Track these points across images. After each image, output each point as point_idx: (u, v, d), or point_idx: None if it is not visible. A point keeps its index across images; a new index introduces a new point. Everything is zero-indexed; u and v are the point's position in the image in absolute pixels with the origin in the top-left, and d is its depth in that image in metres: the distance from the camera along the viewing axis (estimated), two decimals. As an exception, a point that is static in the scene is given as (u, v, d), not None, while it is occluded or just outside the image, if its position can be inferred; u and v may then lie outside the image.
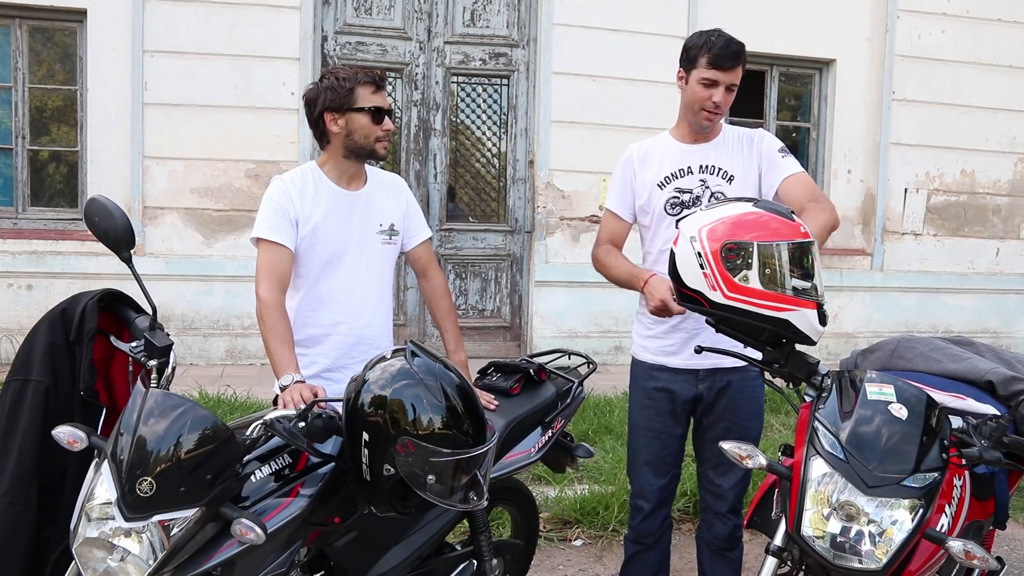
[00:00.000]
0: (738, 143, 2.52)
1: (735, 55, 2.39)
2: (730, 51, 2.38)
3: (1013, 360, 2.39)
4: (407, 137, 6.56)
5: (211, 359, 6.18)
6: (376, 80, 2.34)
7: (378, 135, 2.34)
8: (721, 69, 2.38)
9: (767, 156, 2.48)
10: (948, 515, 1.96)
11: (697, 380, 2.52)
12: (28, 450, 1.92)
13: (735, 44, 2.40)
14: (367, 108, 2.30)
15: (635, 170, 2.56)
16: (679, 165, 2.50)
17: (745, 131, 2.58)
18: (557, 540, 3.63)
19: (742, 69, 2.42)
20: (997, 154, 7.43)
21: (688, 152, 2.51)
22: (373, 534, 2.07)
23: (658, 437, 2.57)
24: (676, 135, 2.56)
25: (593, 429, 4.60)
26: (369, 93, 2.31)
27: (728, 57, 2.38)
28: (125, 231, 1.90)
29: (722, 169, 2.48)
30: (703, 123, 2.46)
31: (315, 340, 2.39)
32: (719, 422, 2.53)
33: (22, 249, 5.92)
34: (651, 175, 2.52)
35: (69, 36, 6.12)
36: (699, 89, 2.41)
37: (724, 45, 2.38)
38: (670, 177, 2.50)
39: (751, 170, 2.49)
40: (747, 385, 2.51)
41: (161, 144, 6.02)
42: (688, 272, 1.90)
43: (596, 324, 6.67)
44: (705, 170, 2.49)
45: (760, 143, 2.51)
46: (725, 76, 2.39)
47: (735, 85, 2.42)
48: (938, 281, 7.42)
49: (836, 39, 7.04)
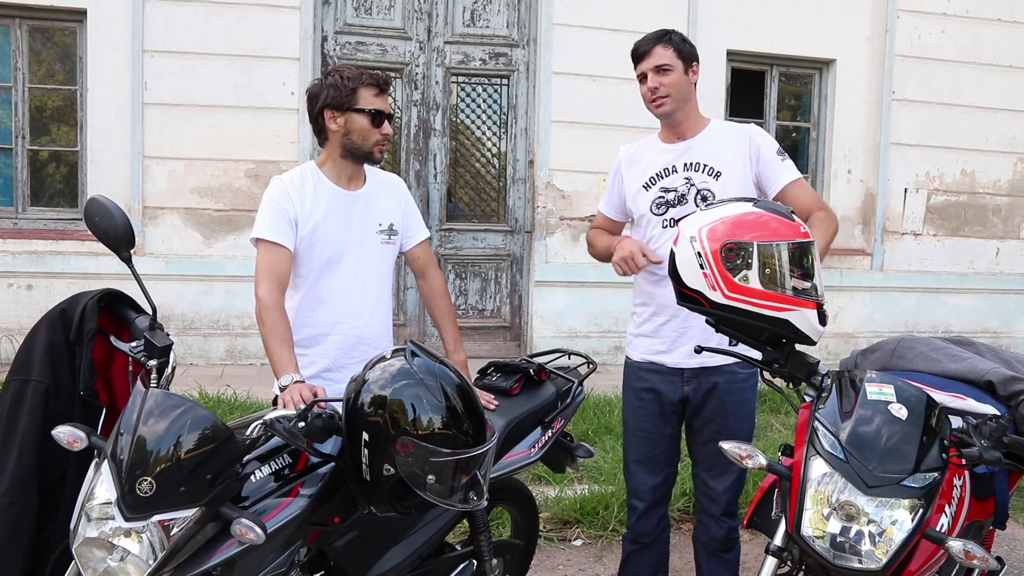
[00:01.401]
0: (726, 139, 2.50)
1: (648, 41, 2.46)
2: (642, 41, 2.47)
3: (1013, 360, 2.39)
4: (407, 137, 6.56)
5: (211, 359, 6.18)
6: (380, 83, 2.34)
7: (376, 138, 2.34)
8: (641, 60, 2.47)
9: (766, 159, 2.47)
10: (948, 515, 1.96)
11: (683, 381, 2.52)
12: (28, 450, 1.92)
13: (651, 34, 2.48)
14: (367, 110, 2.31)
15: (622, 173, 2.61)
16: (663, 165, 2.51)
17: (734, 126, 2.57)
18: (557, 540, 3.63)
19: (666, 49, 2.45)
20: (997, 154, 7.43)
21: (671, 151, 2.52)
22: (373, 534, 2.07)
23: (648, 437, 2.58)
24: (661, 136, 2.58)
25: (593, 429, 4.60)
26: (371, 95, 2.31)
27: (641, 45, 2.47)
28: (125, 231, 1.89)
29: (708, 165, 2.47)
30: (659, 114, 2.50)
31: (314, 340, 2.39)
32: (708, 424, 2.53)
33: (22, 249, 5.92)
34: (637, 177, 2.55)
35: (69, 36, 6.12)
36: (641, 89, 2.50)
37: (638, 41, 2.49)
38: (655, 177, 2.52)
39: (741, 165, 2.46)
40: (735, 388, 2.50)
41: (161, 144, 6.02)
42: (688, 272, 1.90)
43: (596, 324, 6.67)
44: (690, 167, 2.48)
45: (754, 141, 2.48)
46: (647, 63, 2.45)
47: (665, 66, 2.44)
48: (938, 281, 7.42)
49: (836, 39, 7.04)
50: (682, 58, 2.45)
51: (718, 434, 2.46)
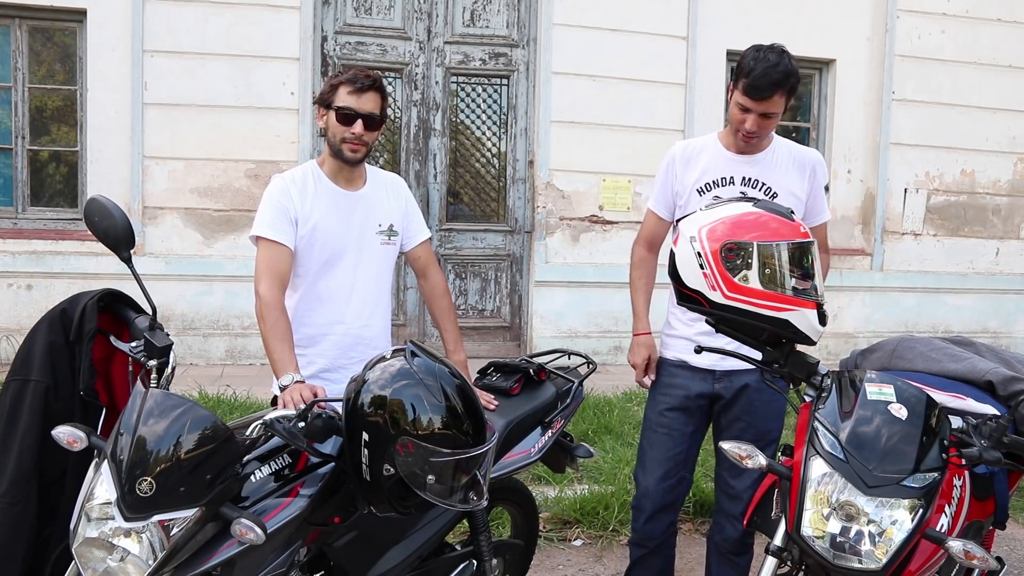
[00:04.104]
0: (789, 161, 2.47)
1: (771, 85, 2.26)
2: (765, 81, 2.25)
3: (1013, 360, 2.39)
4: (407, 137, 6.56)
5: (211, 359, 6.18)
6: (357, 82, 2.29)
7: (344, 136, 2.31)
8: (753, 99, 2.29)
9: (817, 195, 2.50)
10: (948, 515, 1.96)
11: (714, 380, 2.53)
12: (28, 450, 1.92)
13: (775, 74, 2.25)
14: (337, 107, 2.29)
15: (677, 171, 2.53)
16: (721, 174, 2.46)
17: (800, 150, 2.53)
18: (557, 540, 3.62)
19: (783, 97, 2.30)
20: (997, 154, 7.43)
21: (733, 162, 2.47)
22: (373, 534, 2.07)
23: (669, 433, 2.57)
24: (724, 141, 2.51)
25: (593, 429, 4.59)
26: (346, 93, 2.29)
27: (761, 88, 2.26)
28: (125, 231, 1.89)
29: (765, 184, 2.44)
30: (740, 143, 2.43)
31: (313, 340, 2.39)
32: (736, 422, 2.53)
33: (22, 249, 5.92)
34: (692, 178, 2.49)
35: (69, 36, 6.12)
36: (735, 111, 2.36)
37: (761, 74, 2.25)
38: (711, 184, 2.47)
39: (799, 190, 2.46)
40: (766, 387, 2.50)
41: (161, 144, 6.02)
42: (688, 272, 1.90)
43: (596, 324, 6.67)
44: (747, 183, 2.45)
45: (816, 176, 2.49)
46: (758, 106, 2.30)
47: (773, 113, 2.33)
48: (938, 281, 7.42)
49: (836, 39, 7.04)
50: (789, 99, 2.35)
51: (746, 432, 2.47)
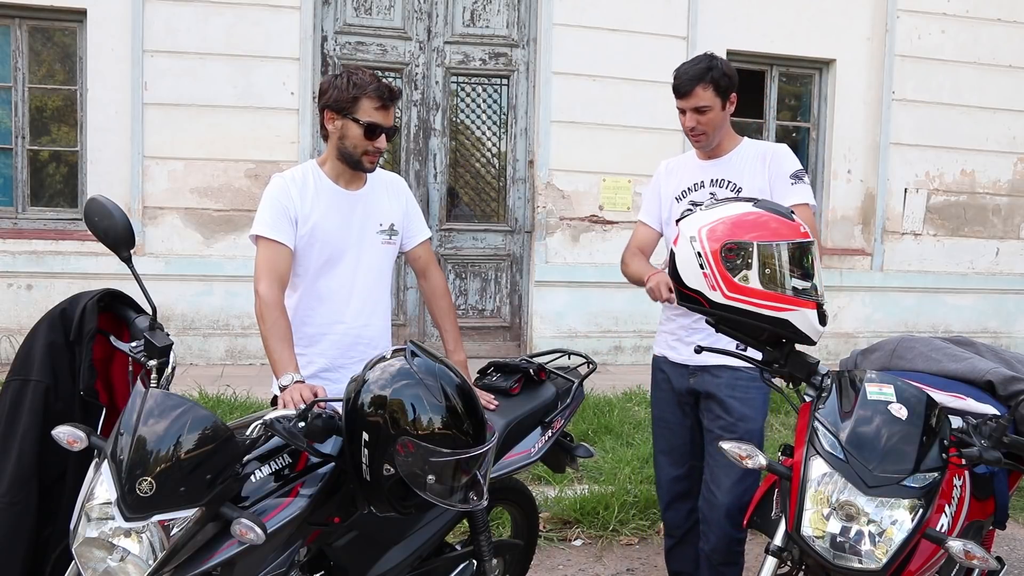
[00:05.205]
0: (753, 157, 2.60)
1: (690, 80, 2.49)
2: (684, 78, 2.50)
3: (1013, 360, 2.39)
4: (407, 137, 6.55)
5: (211, 359, 6.18)
6: (385, 97, 2.29)
7: (367, 149, 2.32)
8: (679, 97, 2.53)
9: (778, 177, 2.54)
10: (948, 515, 1.96)
11: (688, 375, 2.62)
12: (28, 450, 1.92)
13: (693, 70, 2.49)
14: (363, 122, 2.28)
15: (661, 184, 2.73)
16: (694, 180, 2.63)
17: (764, 146, 2.65)
18: (557, 540, 3.62)
19: (707, 90, 2.48)
20: (997, 154, 7.43)
21: (703, 167, 2.64)
22: (373, 534, 2.07)
23: (669, 427, 2.72)
24: (697, 153, 2.69)
25: (593, 429, 4.59)
26: (373, 107, 2.28)
27: (681, 84, 2.51)
28: (125, 231, 1.89)
29: (730, 182, 2.57)
30: (696, 147, 2.63)
31: (312, 340, 2.38)
32: (716, 420, 2.55)
33: (22, 249, 5.92)
34: (671, 189, 2.68)
35: (69, 36, 6.12)
36: (680, 119, 2.58)
37: (680, 73, 2.52)
38: (686, 191, 2.64)
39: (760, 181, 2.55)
40: (740, 384, 2.52)
41: (161, 144, 6.02)
42: (688, 272, 1.90)
43: (596, 324, 6.67)
44: (715, 183, 2.59)
45: (774, 160, 2.56)
46: (686, 103, 2.52)
47: (703, 107, 2.50)
48: (938, 281, 7.42)
49: (836, 39, 7.04)
50: (721, 94, 2.51)
51: (725, 431, 2.48)
